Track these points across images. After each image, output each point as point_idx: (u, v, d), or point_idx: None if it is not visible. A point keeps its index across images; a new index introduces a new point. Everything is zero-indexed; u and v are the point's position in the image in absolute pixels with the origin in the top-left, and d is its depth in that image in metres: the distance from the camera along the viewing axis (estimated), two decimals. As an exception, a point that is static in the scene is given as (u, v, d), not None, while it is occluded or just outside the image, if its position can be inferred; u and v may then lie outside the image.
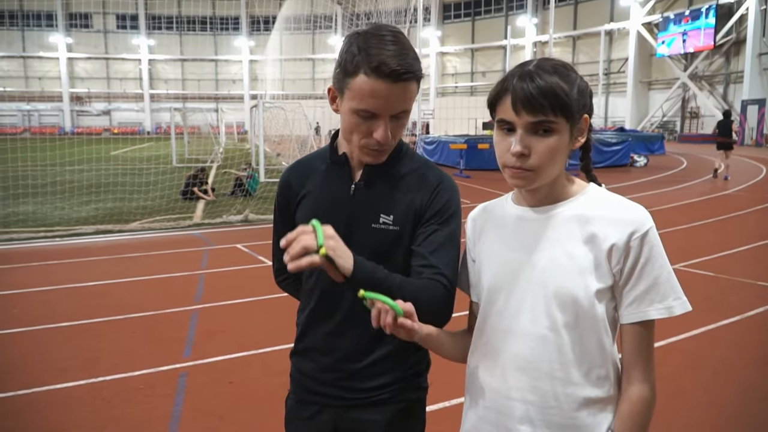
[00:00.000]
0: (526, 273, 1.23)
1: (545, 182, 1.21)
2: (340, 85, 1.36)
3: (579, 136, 1.22)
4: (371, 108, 1.31)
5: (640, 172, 17.16)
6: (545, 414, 1.21)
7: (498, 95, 1.20)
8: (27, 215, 10.27)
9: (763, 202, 11.06)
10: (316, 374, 1.52)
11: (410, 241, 1.43)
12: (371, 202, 1.44)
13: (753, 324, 4.73)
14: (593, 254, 1.17)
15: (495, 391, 1.27)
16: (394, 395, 1.49)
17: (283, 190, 1.58)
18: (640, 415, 1.18)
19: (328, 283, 1.45)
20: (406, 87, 1.31)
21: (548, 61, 1.20)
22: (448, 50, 55.09)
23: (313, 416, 1.53)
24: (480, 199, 9.15)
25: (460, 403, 3.33)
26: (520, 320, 1.23)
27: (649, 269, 1.16)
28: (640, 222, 1.16)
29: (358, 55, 1.29)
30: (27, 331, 4.70)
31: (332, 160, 1.50)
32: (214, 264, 6.87)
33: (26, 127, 54.71)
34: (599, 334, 1.19)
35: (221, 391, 3.63)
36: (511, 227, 1.30)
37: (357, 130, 1.36)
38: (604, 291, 1.18)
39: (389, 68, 1.26)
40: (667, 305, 1.16)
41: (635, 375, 1.19)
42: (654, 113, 40.88)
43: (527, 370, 1.22)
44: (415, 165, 1.50)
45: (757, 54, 32.42)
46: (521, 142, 1.16)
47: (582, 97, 1.19)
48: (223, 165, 18.75)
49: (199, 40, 59.81)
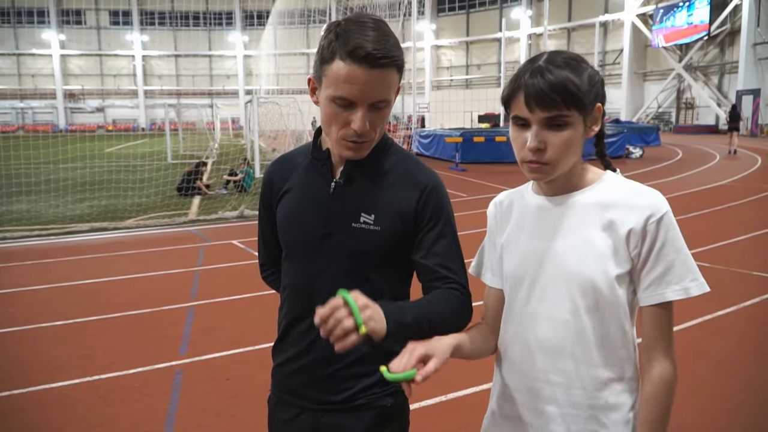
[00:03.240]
0: (547, 261, 1.26)
1: (562, 173, 1.24)
2: (318, 74, 1.32)
3: (593, 125, 1.25)
4: (347, 95, 1.26)
5: (636, 164, 17.18)
6: (569, 395, 1.25)
7: (511, 92, 1.22)
8: (21, 213, 10.22)
9: (759, 192, 11.09)
10: (294, 375, 1.49)
11: (393, 242, 1.39)
12: (352, 200, 1.40)
13: (750, 314, 4.74)
14: (612, 240, 1.20)
15: (523, 373, 1.31)
16: (372, 400, 1.44)
17: (266, 185, 1.55)
18: (662, 394, 1.20)
19: (301, 282, 1.44)
20: (384, 74, 1.27)
21: (559, 54, 1.22)
22: (443, 43, 54.95)
23: (293, 419, 1.50)
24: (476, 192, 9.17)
25: (457, 397, 3.33)
26: (544, 305, 1.27)
27: (665, 252, 1.18)
28: (656, 206, 1.19)
29: (335, 41, 1.26)
30: (22, 330, 4.68)
31: (313, 156, 1.47)
32: (210, 261, 6.85)
33: (20, 125, 54.42)
34: (619, 317, 1.22)
35: (217, 388, 3.62)
36: (531, 216, 1.33)
37: (335, 121, 1.31)
38: (623, 276, 1.21)
39: (365, 51, 1.22)
40: (684, 286, 1.18)
41: (656, 356, 1.21)
42: (649, 104, 40.92)
43: (551, 352, 1.26)
44: (400, 162, 1.45)
45: (752, 44, 32.46)
46: (536, 137, 1.19)
47: (593, 87, 1.21)
48: (219, 161, 18.71)
49: (193, 36, 59.52)
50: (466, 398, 3.37)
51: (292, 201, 1.47)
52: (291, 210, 1.46)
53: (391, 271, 1.43)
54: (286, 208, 1.47)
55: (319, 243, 1.41)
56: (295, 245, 1.47)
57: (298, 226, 1.45)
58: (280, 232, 1.50)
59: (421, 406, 3.31)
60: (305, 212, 1.43)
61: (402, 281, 1.48)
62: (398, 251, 1.41)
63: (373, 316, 1.16)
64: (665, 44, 38.42)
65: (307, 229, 1.43)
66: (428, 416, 3.24)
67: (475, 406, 3.26)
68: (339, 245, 1.38)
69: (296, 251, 1.46)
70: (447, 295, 1.37)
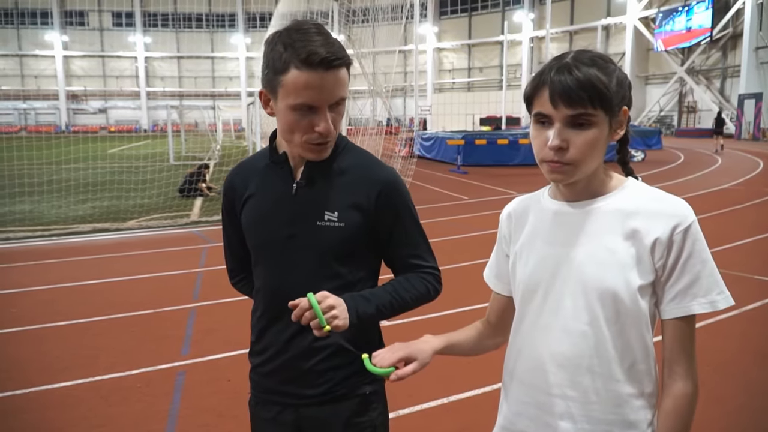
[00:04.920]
0: (564, 269, 1.21)
1: (583, 176, 1.19)
2: (271, 85, 1.35)
3: (618, 129, 1.19)
4: (309, 101, 1.31)
5: (638, 167, 17.04)
6: (586, 410, 1.19)
7: (535, 88, 1.17)
8: (24, 214, 10.23)
9: (761, 196, 11.07)
10: (273, 374, 1.52)
11: (357, 237, 1.44)
12: (314, 200, 1.44)
13: (752, 318, 4.74)
14: (635, 249, 1.15)
15: (534, 387, 1.26)
16: (351, 389, 1.49)
17: (227, 192, 1.60)
18: (683, 411, 1.16)
19: (275, 286, 1.48)
20: (338, 74, 1.32)
21: (586, 53, 1.17)
22: (445, 46, 55.01)
23: (275, 417, 1.53)
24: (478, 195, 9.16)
25: (459, 399, 3.33)
26: (559, 316, 1.21)
27: (692, 263, 1.14)
28: (683, 215, 1.14)
29: (285, 52, 1.30)
30: (25, 331, 4.69)
31: (272, 160, 1.50)
32: (212, 262, 6.85)
33: (23, 126, 54.57)
34: (640, 329, 1.17)
35: (219, 389, 3.62)
36: (548, 222, 1.27)
37: (297, 128, 1.35)
38: (646, 287, 1.16)
39: (319, 57, 1.27)
40: (711, 299, 1.14)
41: (678, 371, 1.17)
42: (651, 108, 40.93)
43: (567, 366, 1.20)
44: (357, 160, 1.50)
45: (754, 48, 32.44)
46: (559, 135, 1.13)
47: (621, 88, 1.16)
48: (221, 163, 18.71)
49: (196, 37, 59.64)
50: (469, 400, 3.37)
51: (256, 205, 1.51)
52: (255, 214, 1.51)
53: (359, 264, 1.48)
54: (251, 213, 1.52)
55: (285, 244, 1.45)
56: (262, 248, 1.51)
57: (263, 229, 1.49)
58: (247, 237, 1.54)
59: (423, 408, 3.32)
60: (269, 215, 1.48)
61: (371, 272, 1.53)
62: (364, 245, 1.47)
63: (336, 314, 1.28)
64: (665, 49, 38.43)
65: (273, 231, 1.47)
66: (431, 418, 3.25)
67: (477, 408, 3.26)
68: (306, 244, 1.43)
69: (264, 254, 1.51)
70: (416, 280, 1.50)
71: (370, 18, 14.96)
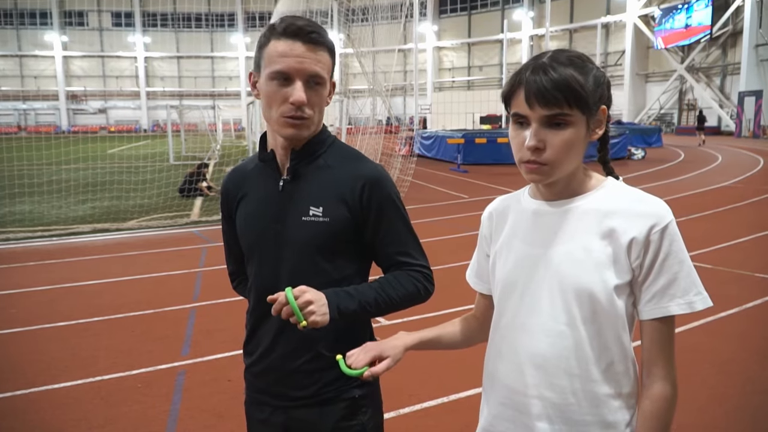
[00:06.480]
0: (542, 268, 1.21)
1: (562, 176, 1.19)
2: (257, 63, 1.42)
3: (597, 128, 1.19)
4: (283, 68, 1.34)
5: (638, 165, 17.16)
6: (564, 411, 1.19)
7: (512, 89, 1.17)
8: (24, 214, 10.24)
9: (761, 194, 11.06)
10: (264, 374, 1.52)
11: (342, 233, 1.44)
12: (300, 195, 1.46)
13: (752, 316, 4.73)
14: (611, 248, 1.15)
15: (511, 389, 1.26)
16: (339, 393, 1.48)
17: (223, 196, 1.63)
18: (662, 413, 1.16)
19: (264, 284, 1.48)
20: (316, 49, 1.37)
21: (563, 52, 1.17)
22: (445, 45, 54.96)
23: (267, 418, 1.53)
24: (478, 194, 9.16)
25: (458, 399, 3.32)
26: (536, 316, 1.21)
27: (669, 264, 1.13)
28: (660, 215, 1.14)
29: (269, 30, 1.38)
30: (25, 331, 4.69)
31: (260, 159, 1.52)
32: (212, 262, 6.85)
33: (22, 126, 54.58)
34: (617, 330, 1.17)
35: (219, 389, 3.62)
36: (527, 222, 1.27)
37: (274, 100, 1.38)
38: (623, 286, 1.16)
39: (296, 26, 1.34)
40: (688, 300, 1.14)
41: (657, 372, 1.17)
42: (651, 106, 40.89)
43: (545, 366, 1.20)
44: (343, 157, 1.50)
45: (754, 45, 32.41)
46: (536, 135, 1.13)
47: (599, 88, 1.16)
48: (221, 162, 18.70)
49: (195, 37, 59.55)
50: (469, 400, 3.37)
51: (247, 205, 1.53)
52: (246, 214, 1.53)
53: (346, 261, 1.48)
54: (243, 213, 1.54)
55: (273, 240, 1.47)
56: (253, 246, 1.52)
57: (253, 227, 1.51)
58: (240, 237, 1.56)
59: (422, 408, 3.32)
60: (258, 213, 1.50)
61: (359, 271, 1.53)
62: (349, 241, 1.47)
63: (314, 309, 1.27)
64: (665, 46, 38.41)
65: (261, 229, 1.49)
66: (430, 417, 3.24)
67: (476, 408, 3.23)
68: (292, 240, 1.44)
69: (255, 252, 1.52)
70: (404, 279, 1.47)
71: (370, 17, 14.93)
